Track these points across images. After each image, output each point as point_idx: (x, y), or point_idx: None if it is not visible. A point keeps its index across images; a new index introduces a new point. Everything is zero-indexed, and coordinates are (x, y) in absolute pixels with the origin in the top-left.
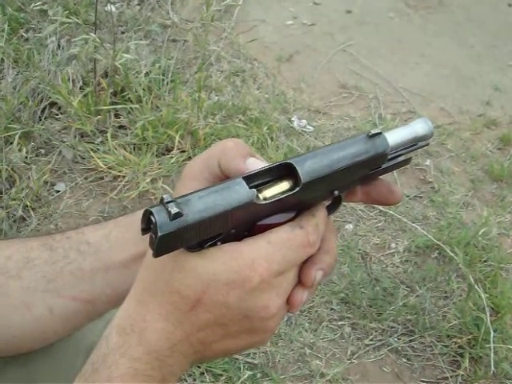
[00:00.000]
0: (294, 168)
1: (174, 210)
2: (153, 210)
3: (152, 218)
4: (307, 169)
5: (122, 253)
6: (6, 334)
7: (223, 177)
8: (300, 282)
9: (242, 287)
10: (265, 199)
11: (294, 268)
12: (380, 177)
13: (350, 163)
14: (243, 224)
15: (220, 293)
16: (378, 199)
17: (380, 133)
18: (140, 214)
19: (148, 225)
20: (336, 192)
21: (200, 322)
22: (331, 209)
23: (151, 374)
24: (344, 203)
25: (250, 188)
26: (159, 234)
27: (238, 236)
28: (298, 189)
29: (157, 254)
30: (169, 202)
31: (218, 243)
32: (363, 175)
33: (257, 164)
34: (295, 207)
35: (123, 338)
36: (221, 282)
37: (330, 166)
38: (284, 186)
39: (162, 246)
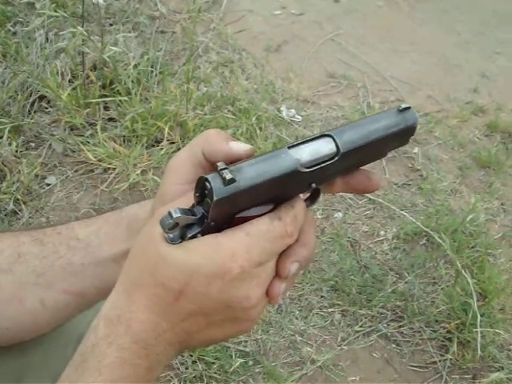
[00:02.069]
0: (333, 139)
1: (228, 176)
2: (208, 176)
3: (207, 184)
4: (345, 139)
5: (112, 248)
6: None
7: (207, 165)
8: (277, 273)
9: (223, 278)
10: (307, 168)
11: (272, 259)
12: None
13: (383, 135)
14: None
15: (202, 284)
16: (357, 187)
17: (409, 107)
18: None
19: (202, 191)
20: (313, 184)
21: (184, 313)
22: (310, 201)
23: (138, 362)
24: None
25: None
26: (215, 198)
27: (218, 229)
28: (337, 158)
29: (212, 219)
30: (223, 169)
31: (199, 235)
32: (392, 149)
33: (239, 146)
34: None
35: (110, 328)
36: (202, 274)
37: (366, 137)
38: None
39: (217, 210)
